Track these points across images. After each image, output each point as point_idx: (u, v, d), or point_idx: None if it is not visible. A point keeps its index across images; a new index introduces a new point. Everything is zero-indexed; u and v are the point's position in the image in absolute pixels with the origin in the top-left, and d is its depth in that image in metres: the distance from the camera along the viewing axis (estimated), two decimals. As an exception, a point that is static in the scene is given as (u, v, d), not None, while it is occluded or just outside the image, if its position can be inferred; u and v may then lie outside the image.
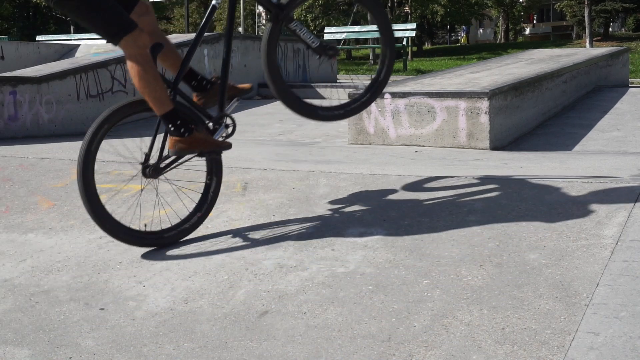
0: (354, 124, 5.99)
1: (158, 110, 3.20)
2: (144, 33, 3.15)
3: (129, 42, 3.12)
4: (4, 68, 9.72)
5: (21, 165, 4.70)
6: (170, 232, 3.36)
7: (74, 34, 23.66)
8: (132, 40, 3.11)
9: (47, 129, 6.90)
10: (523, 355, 2.22)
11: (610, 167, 4.41)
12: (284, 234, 3.33)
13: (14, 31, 37.67)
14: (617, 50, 10.65)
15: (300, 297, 2.72)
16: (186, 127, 3.23)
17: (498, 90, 5.64)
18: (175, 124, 3.22)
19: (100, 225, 3.24)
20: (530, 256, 2.89)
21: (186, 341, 2.49)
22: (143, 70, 3.13)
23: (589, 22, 29.93)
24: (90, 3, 3.10)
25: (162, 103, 3.19)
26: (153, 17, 3.40)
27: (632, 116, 7.28)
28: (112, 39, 3.16)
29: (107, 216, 3.25)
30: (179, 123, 3.22)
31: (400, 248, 3.07)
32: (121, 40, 3.12)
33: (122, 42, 3.13)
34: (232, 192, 3.89)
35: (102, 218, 3.23)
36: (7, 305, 2.85)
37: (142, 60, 3.14)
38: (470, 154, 5.29)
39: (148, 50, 3.16)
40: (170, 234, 3.35)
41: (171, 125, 3.22)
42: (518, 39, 51.64)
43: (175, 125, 3.22)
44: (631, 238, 2.95)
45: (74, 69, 7.43)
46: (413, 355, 2.29)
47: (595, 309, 2.41)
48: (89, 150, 3.22)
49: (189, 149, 3.26)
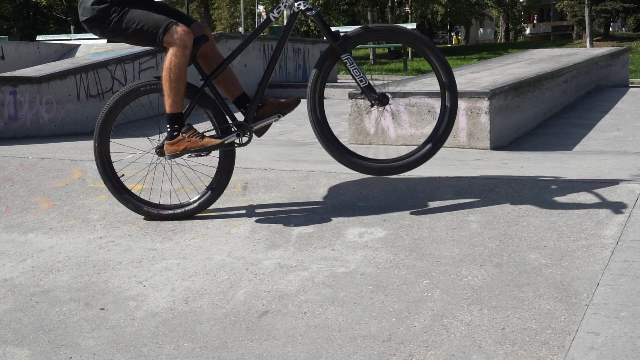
0: (354, 124, 5.99)
1: (169, 107, 3.41)
2: (184, 31, 3.35)
3: (166, 42, 3.38)
4: (4, 68, 9.71)
5: (21, 165, 4.70)
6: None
7: (74, 34, 23.69)
8: (167, 39, 3.37)
9: (47, 128, 6.90)
10: (523, 355, 2.22)
11: (611, 167, 4.41)
12: (284, 234, 3.33)
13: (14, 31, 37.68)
14: (618, 50, 10.64)
15: (301, 297, 2.72)
16: (178, 132, 3.43)
17: (498, 90, 5.64)
18: (173, 127, 3.44)
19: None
20: (531, 256, 2.89)
21: (186, 341, 2.49)
22: (177, 69, 3.35)
23: (589, 22, 29.93)
24: (134, 33, 3.42)
25: (175, 103, 3.40)
26: (211, 39, 3.58)
27: (632, 116, 7.27)
28: (157, 45, 3.43)
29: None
30: (176, 127, 3.43)
31: (400, 248, 3.07)
32: (162, 41, 3.38)
33: (165, 41, 3.37)
34: (232, 192, 3.89)
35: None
36: (7, 305, 2.85)
37: (179, 61, 3.35)
38: (470, 154, 5.29)
39: (187, 52, 3.37)
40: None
41: (169, 126, 3.44)
42: (518, 38, 51.65)
43: (172, 128, 3.44)
44: (631, 238, 2.95)
45: (74, 69, 7.42)
46: (413, 355, 2.29)
47: (596, 309, 2.41)
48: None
49: (177, 150, 3.44)
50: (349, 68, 3.42)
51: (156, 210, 3.62)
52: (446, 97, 3.46)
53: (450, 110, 3.47)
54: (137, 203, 3.63)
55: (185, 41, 3.35)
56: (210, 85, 3.53)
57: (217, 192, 3.61)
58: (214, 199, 3.61)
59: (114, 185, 3.64)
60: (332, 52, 3.45)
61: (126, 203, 3.65)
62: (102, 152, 3.60)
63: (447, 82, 3.45)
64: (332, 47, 3.45)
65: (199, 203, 3.60)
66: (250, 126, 3.51)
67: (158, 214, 3.61)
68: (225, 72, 3.58)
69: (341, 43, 3.43)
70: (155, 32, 3.37)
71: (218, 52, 3.63)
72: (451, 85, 3.45)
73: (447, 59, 3.63)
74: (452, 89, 3.46)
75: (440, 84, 3.48)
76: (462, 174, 4.01)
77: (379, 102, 3.44)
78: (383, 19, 33.85)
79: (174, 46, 3.36)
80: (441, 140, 3.51)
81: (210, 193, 3.59)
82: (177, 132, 3.43)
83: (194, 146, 3.42)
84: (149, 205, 3.63)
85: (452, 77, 3.46)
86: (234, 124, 3.52)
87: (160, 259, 3.17)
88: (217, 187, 3.60)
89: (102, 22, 3.44)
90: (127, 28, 3.41)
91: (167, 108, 3.42)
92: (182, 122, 3.44)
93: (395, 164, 3.56)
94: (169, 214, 3.61)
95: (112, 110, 3.55)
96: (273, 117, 3.53)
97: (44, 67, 7.98)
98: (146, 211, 3.62)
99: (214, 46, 3.62)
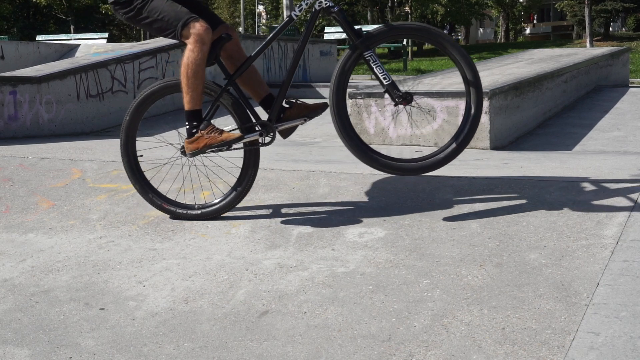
0: (354, 124, 5.98)
1: (187, 104, 3.40)
2: (203, 26, 3.33)
3: (184, 36, 3.37)
4: (4, 68, 9.71)
5: (21, 165, 4.70)
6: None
7: (74, 34, 23.67)
8: (185, 33, 3.35)
9: (47, 128, 6.90)
10: (523, 355, 2.22)
11: (611, 167, 4.41)
12: (284, 234, 3.33)
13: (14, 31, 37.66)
14: (618, 50, 10.64)
15: (301, 297, 2.72)
16: (197, 130, 3.42)
17: (498, 90, 5.64)
18: (192, 124, 3.42)
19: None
20: (531, 256, 2.89)
21: (186, 341, 2.49)
22: (194, 65, 3.33)
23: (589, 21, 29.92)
24: (155, 22, 3.42)
25: (192, 100, 3.39)
26: (236, 40, 3.58)
27: (632, 116, 7.27)
28: (176, 38, 3.42)
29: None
30: (195, 124, 3.42)
31: (400, 248, 3.07)
32: (181, 35, 3.36)
33: (183, 35, 3.36)
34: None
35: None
36: (7, 305, 2.85)
37: (197, 57, 3.33)
38: (470, 153, 5.29)
39: (205, 48, 3.34)
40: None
41: (188, 124, 3.43)
42: (518, 38, 51.65)
43: (191, 125, 3.43)
44: (631, 238, 2.95)
45: (74, 68, 7.42)
46: (413, 355, 2.29)
47: (596, 309, 2.41)
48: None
49: (198, 147, 3.42)
50: (372, 66, 3.36)
51: (185, 210, 3.60)
52: (471, 95, 3.41)
53: (475, 109, 3.41)
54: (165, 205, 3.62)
55: (203, 37, 3.32)
56: (234, 84, 3.52)
57: (244, 190, 3.56)
58: (242, 197, 3.57)
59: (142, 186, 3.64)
60: (355, 49, 3.39)
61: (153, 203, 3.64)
62: (129, 149, 3.59)
63: (472, 80, 3.40)
64: (354, 45, 3.38)
65: (226, 201, 3.56)
66: (274, 126, 3.48)
67: (187, 214, 3.59)
68: (251, 73, 3.57)
69: (364, 40, 3.37)
70: (174, 24, 3.36)
71: (244, 53, 3.61)
72: (476, 83, 3.39)
73: (447, 59, 3.62)
74: (478, 87, 3.40)
75: (465, 81, 3.42)
76: (462, 174, 4.01)
77: (403, 100, 3.37)
78: (383, 18, 33.85)
79: (192, 42, 3.33)
80: (466, 139, 3.43)
81: (235, 193, 3.55)
82: (196, 129, 3.42)
83: (213, 142, 3.40)
84: (179, 207, 3.61)
85: (477, 74, 3.40)
86: (257, 123, 3.49)
87: (160, 259, 3.17)
88: (245, 185, 3.55)
89: (127, 7, 3.44)
90: (148, 16, 3.40)
91: (185, 105, 3.40)
92: (201, 119, 3.42)
93: (418, 164, 3.47)
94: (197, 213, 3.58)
95: (142, 104, 3.54)
96: (299, 120, 3.49)
97: (43, 67, 7.98)
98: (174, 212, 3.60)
99: (240, 47, 3.60)
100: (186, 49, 3.36)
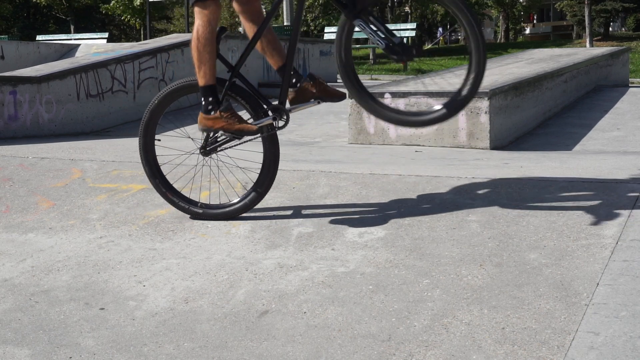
0: (354, 124, 5.99)
1: (200, 79, 3.39)
2: (216, 10, 3.33)
3: (197, 11, 3.35)
4: (4, 68, 9.72)
5: (21, 165, 4.70)
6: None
7: (74, 34, 23.67)
8: (199, 9, 3.34)
9: (47, 128, 6.90)
10: (523, 355, 2.22)
11: (611, 167, 4.41)
12: (284, 233, 3.33)
13: (14, 31, 37.68)
14: (617, 49, 10.65)
15: (301, 297, 2.72)
16: (214, 107, 3.39)
17: (498, 90, 5.64)
18: (208, 100, 3.40)
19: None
20: (531, 256, 2.89)
21: (186, 341, 2.49)
22: (204, 39, 3.34)
23: (589, 21, 29.91)
24: None
25: (206, 75, 3.38)
26: (258, 4, 3.57)
27: (632, 116, 7.28)
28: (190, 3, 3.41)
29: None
30: (210, 100, 3.40)
31: (400, 248, 3.07)
32: (195, 6, 3.36)
33: (195, 9, 3.36)
34: (232, 192, 3.88)
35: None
36: (7, 305, 2.85)
37: (206, 32, 3.33)
38: (470, 153, 5.29)
39: (213, 26, 3.35)
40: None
41: (204, 99, 3.41)
42: (518, 38, 51.60)
43: (207, 101, 3.40)
44: (631, 238, 2.95)
45: (74, 68, 7.42)
46: (413, 355, 2.29)
47: (596, 309, 2.41)
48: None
49: (212, 126, 3.41)
50: (367, 34, 3.23)
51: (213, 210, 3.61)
52: (475, 52, 3.21)
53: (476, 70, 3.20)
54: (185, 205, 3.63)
55: (210, 19, 3.33)
56: (238, 75, 3.50)
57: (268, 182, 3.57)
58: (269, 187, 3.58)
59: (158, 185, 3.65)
60: (345, 22, 3.28)
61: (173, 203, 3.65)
62: (148, 150, 3.62)
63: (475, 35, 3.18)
64: (344, 17, 3.26)
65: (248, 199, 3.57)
66: (287, 109, 3.47)
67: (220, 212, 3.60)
68: (272, 40, 3.53)
69: (350, 10, 3.21)
70: None
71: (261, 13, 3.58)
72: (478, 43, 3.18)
73: (447, 59, 3.61)
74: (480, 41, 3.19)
75: (467, 39, 3.23)
76: (462, 174, 4.01)
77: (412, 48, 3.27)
78: (383, 18, 33.83)
79: (200, 17, 3.33)
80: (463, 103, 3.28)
81: (257, 191, 3.55)
82: (212, 106, 3.39)
83: (229, 128, 3.38)
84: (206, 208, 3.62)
85: (480, 30, 3.21)
86: (269, 108, 3.47)
87: (160, 259, 3.17)
88: (269, 176, 3.55)
89: None
90: None
91: (200, 80, 3.39)
92: (216, 96, 3.40)
93: (416, 119, 3.51)
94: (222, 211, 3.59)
95: (161, 103, 3.54)
96: (310, 103, 3.47)
97: (43, 67, 7.98)
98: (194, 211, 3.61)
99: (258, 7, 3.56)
100: (195, 23, 3.37)
